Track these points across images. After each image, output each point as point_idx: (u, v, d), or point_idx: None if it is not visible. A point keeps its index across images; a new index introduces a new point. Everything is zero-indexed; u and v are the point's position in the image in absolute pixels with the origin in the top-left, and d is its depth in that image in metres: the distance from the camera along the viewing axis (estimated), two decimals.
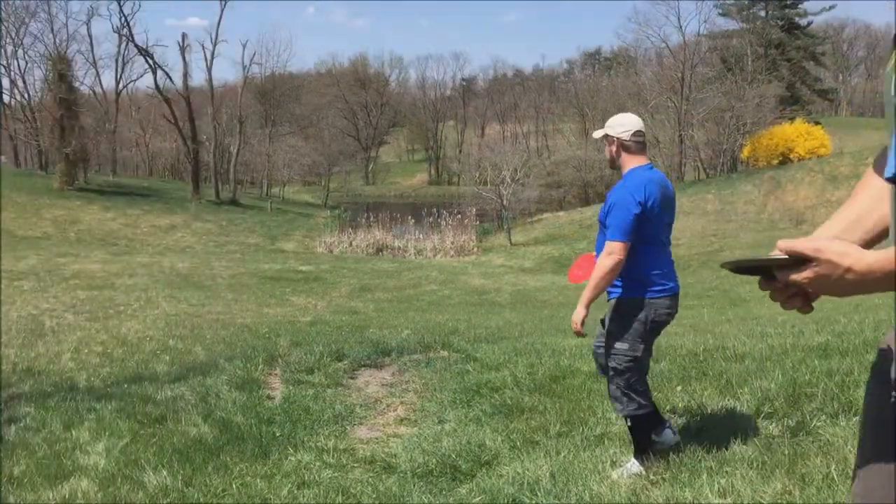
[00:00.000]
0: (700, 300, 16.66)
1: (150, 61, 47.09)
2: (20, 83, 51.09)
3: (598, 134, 3.63)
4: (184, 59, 47.18)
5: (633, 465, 3.60)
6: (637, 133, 3.52)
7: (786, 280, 1.23)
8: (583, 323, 3.53)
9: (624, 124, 3.53)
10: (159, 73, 48.02)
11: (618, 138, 3.53)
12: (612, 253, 3.38)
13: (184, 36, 47.39)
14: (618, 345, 3.51)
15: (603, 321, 3.67)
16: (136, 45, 48.00)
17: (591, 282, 3.45)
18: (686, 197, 37.43)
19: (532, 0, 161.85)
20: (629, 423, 3.63)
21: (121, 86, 58.68)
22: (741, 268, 1.31)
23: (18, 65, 52.08)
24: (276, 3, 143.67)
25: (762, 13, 52.24)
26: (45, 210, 34.58)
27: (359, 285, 17.43)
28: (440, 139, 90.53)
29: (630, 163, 3.55)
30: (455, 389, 5.36)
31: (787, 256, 1.21)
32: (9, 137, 52.31)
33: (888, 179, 1.25)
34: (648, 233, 3.44)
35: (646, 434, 3.62)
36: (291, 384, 5.78)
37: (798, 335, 5.90)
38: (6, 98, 52.15)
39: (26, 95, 50.68)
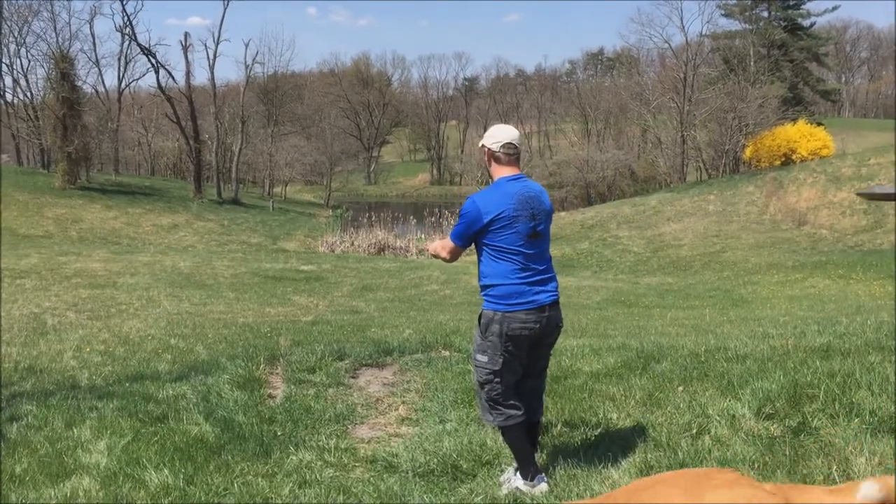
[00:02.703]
0: (702, 301, 16.66)
1: (153, 60, 47.01)
2: (23, 82, 51.03)
3: (480, 143, 3.78)
4: (186, 58, 47.08)
5: (517, 479, 3.61)
6: (507, 145, 3.62)
7: None
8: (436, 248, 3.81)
9: (495, 136, 3.65)
10: (161, 72, 47.87)
11: (489, 149, 3.64)
12: (445, 248, 3.72)
13: (186, 35, 47.36)
14: (479, 357, 3.61)
15: None
16: (139, 44, 47.91)
17: (438, 245, 3.79)
18: (688, 198, 37.38)
19: (534, 0, 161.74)
20: (502, 435, 3.68)
21: (123, 85, 58.62)
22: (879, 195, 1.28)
23: (21, 63, 52.03)
24: (277, 3, 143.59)
25: (765, 14, 52.13)
26: (47, 209, 34.60)
27: (360, 285, 17.43)
28: (442, 139, 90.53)
29: (498, 173, 3.64)
30: (457, 389, 5.36)
31: None
32: (11, 136, 52.32)
33: None
34: (502, 244, 3.52)
35: (522, 444, 3.61)
36: (293, 383, 5.78)
37: (800, 336, 5.89)
38: (9, 96, 52.23)
39: (29, 94, 50.61)
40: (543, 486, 3.56)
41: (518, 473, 3.64)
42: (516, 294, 3.52)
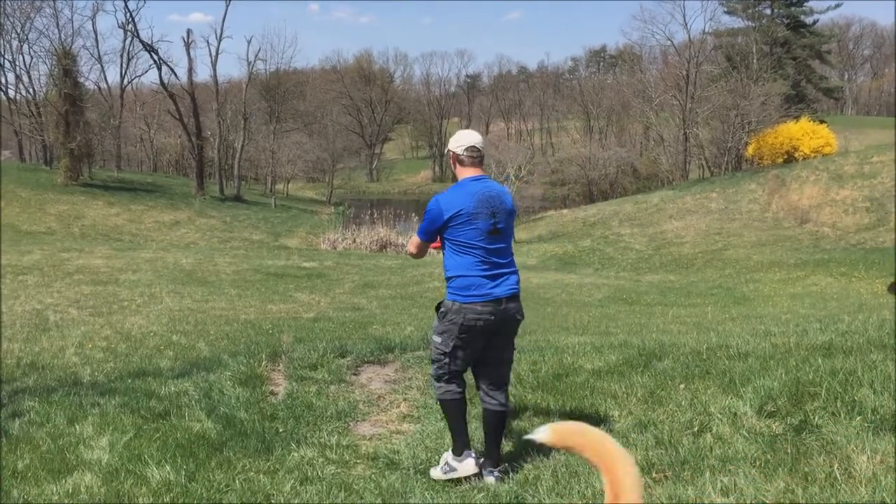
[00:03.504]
0: (704, 298, 16.66)
1: (155, 57, 47.09)
2: (25, 78, 51.15)
3: (446, 149, 4.04)
4: (188, 54, 47.30)
5: (447, 455, 3.87)
6: (470, 149, 3.87)
7: None
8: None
9: (460, 140, 3.93)
10: (164, 68, 48.01)
11: (454, 152, 3.91)
12: (411, 243, 4.02)
13: (188, 32, 47.68)
14: (434, 337, 3.90)
15: None
16: (141, 41, 47.98)
17: (409, 243, 4.08)
18: (690, 195, 37.35)
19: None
20: (440, 407, 4.01)
21: (125, 81, 58.66)
22: None
23: (24, 60, 52.19)
24: (279, 1, 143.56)
25: (768, 11, 52.01)
26: (49, 205, 34.64)
27: (362, 282, 17.43)
28: (444, 136, 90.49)
29: (462, 174, 3.90)
30: None
31: None
32: (14, 132, 52.39)
33: None
34: (463, 239, 3.76)
35: (457, 420, 3.87)
36: (294, 380, 5.78)
37: (802, 334, 5.88)
38: (11, 93, 52.29)
39: (31, 90, 50.69)
40: (470, 462, 3.78)
41: (450, 451, 3.87)
42: (474, 286, 3.74)
